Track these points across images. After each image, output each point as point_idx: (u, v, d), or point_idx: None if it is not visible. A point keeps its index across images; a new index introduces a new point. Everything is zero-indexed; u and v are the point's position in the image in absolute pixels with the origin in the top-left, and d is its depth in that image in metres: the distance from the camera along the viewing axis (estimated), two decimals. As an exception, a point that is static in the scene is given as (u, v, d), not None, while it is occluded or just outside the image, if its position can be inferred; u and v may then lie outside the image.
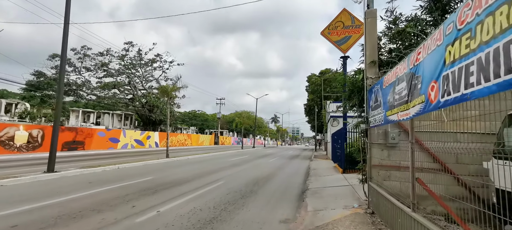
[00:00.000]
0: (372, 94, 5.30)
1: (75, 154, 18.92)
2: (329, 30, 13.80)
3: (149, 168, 12.11)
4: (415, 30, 4.93)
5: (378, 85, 4.73)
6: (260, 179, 9.82)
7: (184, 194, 6.89)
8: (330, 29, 13.86)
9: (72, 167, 10.88)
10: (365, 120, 5.69)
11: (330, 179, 10.02)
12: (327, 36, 13.81)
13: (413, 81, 2.92)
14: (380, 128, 5.34)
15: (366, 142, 5.66)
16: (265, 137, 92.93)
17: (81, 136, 21.67)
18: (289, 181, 9.83)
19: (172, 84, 33.24)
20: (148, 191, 7.02)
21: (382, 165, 5.42)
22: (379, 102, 4.69)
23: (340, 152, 12.28)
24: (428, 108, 2.49)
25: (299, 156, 25.59)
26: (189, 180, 9.13)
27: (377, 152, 5.48)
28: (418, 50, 2.86)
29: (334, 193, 7.36)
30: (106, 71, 31.60)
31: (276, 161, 18.53)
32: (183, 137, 40.77)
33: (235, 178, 10.03)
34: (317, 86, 41.90)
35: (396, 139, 5.34)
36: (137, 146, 28.89)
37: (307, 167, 14.79)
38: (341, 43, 13.74)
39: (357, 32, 13.56)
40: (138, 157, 17.85)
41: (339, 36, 13.82)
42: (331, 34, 13.81)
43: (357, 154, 6.13)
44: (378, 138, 5.54)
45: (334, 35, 13.89)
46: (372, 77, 5.62)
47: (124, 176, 9.38)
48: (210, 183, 8.66)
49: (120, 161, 13.81)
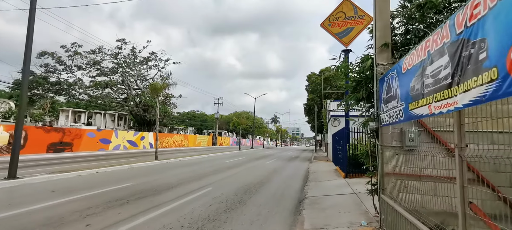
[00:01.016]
0: (384, 85, 4.24)
1: (60, 156, 17.85)
2: (329, 22, 12.73)
3: (133, 172, 11.05)
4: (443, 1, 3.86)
5: (394, 71, 3.67)
6: (253, 185, 8.76)
7: (159, 205, 5.83)
8: (330, 21, 12.80)
9: (44, 171, 9.82)
10: (375, 116, 4.64)
11: (331, 184, 8.95)
12: (327, 28, 12.75)
13: (465, 51, 1.86)
14: (395, 127, 4.28)
15: (376, 144, 4.60)
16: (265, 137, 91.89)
17: (69, 136, 20.59)
18: (286, 187, 8.77)
19: (163, 82, 32.29)
20: (117, 203, 5.96)
21: (397, 173, 4.35)
22: (395, 94, 3.64)
23: (342, 154, 11.21)
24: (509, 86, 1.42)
25: (299, 158, 24.53)
26: (172, 186, 8.07)
27: (390, 156, 4.41)
28: (475, 2, 1.80)
29: (336, 203, 6.30)
30: (99, 70, 30.53)
31: (274, 163, 17.45)
32: (180, 137, 39.68)
33: (225, 183, 8.97)
34: (317, 86, 40.85)
35: (415, 141, 4.27)
36: (130, 147, 27.82)
37: (306, 170, 13.72)
38: (342, 35, 12.68)
39: (360, 24, 12.49)
40: (126, 159, 16.79)
41: (341, 28, 12.75)
42: (332, 26, 12.75)
43: (365, 158, 5.07)
44: (392, 139, 4.47)
45: (335, 27, 12.83)
46: (384, 64, 4.56)
47: (98, 183, 8.31)
48: (195, 190, 7.60)
49: (104, 164, 12.75)
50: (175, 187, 8.03)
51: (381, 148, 4.51)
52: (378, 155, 4.57)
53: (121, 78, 31.07)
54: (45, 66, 26.74)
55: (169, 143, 35.90)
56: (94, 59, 28.32)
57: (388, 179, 4.40)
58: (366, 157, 4.92)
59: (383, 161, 4.48)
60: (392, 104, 3.80)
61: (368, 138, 4.99)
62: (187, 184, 8.61)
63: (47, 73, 27.45)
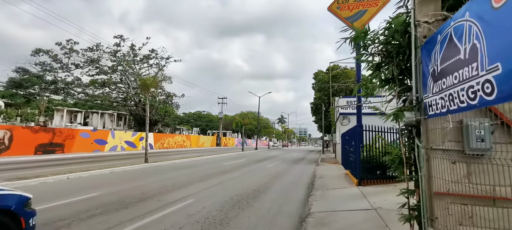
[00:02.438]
0: (434, 52, 2.62)
1: (48, 158, 16.71)
2: (338, 4, 11.04)
3: (111, 178, 9.65)
4: None
5: (466, 17, 2.06)
6: (247, 195, 7.19)
7: (118, 225, 4.35)
8: (339, 3, 11.10)
9: (11, 177, 8.51)
10: (415, 103, 3.03)
11: (342, 195, 7.30)
12: (335, 11, 11.05)
13: None
14: (454, 118, 2.66)
15: (416, 147, 2.98)
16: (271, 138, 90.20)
17: (60, 137, 19.48)
18: (286, 198, 7.16)
19: (163, 78, 31.06)
20: (66, 222, 4.50)
21: (455, 194, 2.72)
22: (469, 56, 2.04)
23: (354, 156, 9.53)
24: None
25: (304, 159, 22.82)
26: (146, 197, 6.58)
27: (442, 166, 2.78)
28: None
29: (350, 225, 4.68)
30: (99, 68, 29.54)
31: (276, 166, 15.83)
32: (182, 138, 38.45)
33: (213, 193, 7.44)
34: (325, 84, 38.96)
35: (487, 141, 2.62)
36: (128, 148, 26.66)
37: (312, 174, 12.06)
38: (353, 20, 10.97)
39: (374, 5, 10.76)
40: (115, 161, 15.49)
41: (351, 11, 11.06)
42: (341, 9, 11.04)
43: (396, 167, 3.43)
44: (444, 139, 2.83)
45: (345, 11, 11.13)
46: (429, 22, 2.94)
47: (60, 192, 6.92)
48: (171, 203, 6.09)
49: (86, 168, 11.43)
50: (149, 198, 6.54)
51: (426, 152, 2.88)
52: (420, 163, 2.95)
53: (120, 77, 29.99)
54: (40, 65, 25.87)
55: (170, 144, 34.69)
56: (91, 57, 27.26)
57: (440, 202, 2.76)
58: (399, 165, 3.28)
59: (430, 173, 2.85)
60: (457, 77, 2.17)
61: (401, 136, 3.34)
62: (166, 194, 7.11)
63: (43, 72, 26.59)
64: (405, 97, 3.57)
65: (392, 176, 9.17)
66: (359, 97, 10.55)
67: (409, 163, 3.16)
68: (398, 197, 3.47)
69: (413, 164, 3.13)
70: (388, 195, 6.92)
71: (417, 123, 2.96)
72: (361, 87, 3.72)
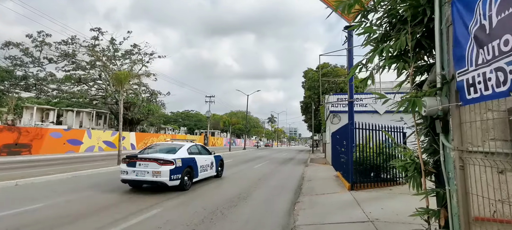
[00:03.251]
0: (480, 3, 1.68)
1: (11, 160, 15.09)
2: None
3: (72, 183, 8.39)
4: None
5: None
6: (224, 203, 6.17)
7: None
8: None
9: None
10: (440, 85, 2.10)
11: (333, 202, 6.40)
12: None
13: None
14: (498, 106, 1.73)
15: (443, 148, 2.05)
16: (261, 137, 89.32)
17: (27, 137, 17.78)
18: (269, 206, 6.19)
19: (143, 73, 29.50)
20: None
21: (507, 221, 1.80)
22: None
23: (346, 157, 8.67)
24: None
25: (293, 160, 21.99)
26: (104, 207, 5.45)
27: (484, 176, 1.84)
28: None
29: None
30: (75, 63, 27.66)
31: (263, 167, 14.87)
32: (167, 138, 36.90)
33: (185, 201, 6.37)
34: (314, 82, 38.38)
35: None
36: (107, 149, 25.03)
37: (299, 177, 11.16)
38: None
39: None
40: (87, 163, 14.11)
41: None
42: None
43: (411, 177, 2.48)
44: (485, 137, 1.90)
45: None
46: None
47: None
48: (131, 215, 5.00)
49: (45, 172, 10.07)
50: (104, 209, 5.41)
51: (460, 156, 1.95)
52: (449, 171, 2.03)
53: (99, 73, 28.22)
54: (10, 59, 23.85)
55: (154, 144, 33.13)
56: (66, 51, 25.40)
57: None
58: (415, 175, 2.33)
59: (466, 188, 1.93)
60: None
61: (421, 129, 2.39)
62: (127, 203, 5.98)
63: (13, 66, 24.56)
64: (420, 81, 2.65)
65: (386, 178, 8.37)
66: (351, 92, 9.72)
67: (429, 171, 2.23)
68: (397, 205, 2.54)
69: (435, 173, 2.21)
70: (385, 202, 6.07)
71: (444, 113, 2.02)
72: (358, 68, 2.76)
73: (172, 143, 8.85)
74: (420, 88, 2.36)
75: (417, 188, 2.20)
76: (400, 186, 8.20)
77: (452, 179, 1.89)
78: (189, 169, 7.73)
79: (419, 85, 2.60)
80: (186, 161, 7.68)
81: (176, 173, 7.12)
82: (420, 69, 2.55)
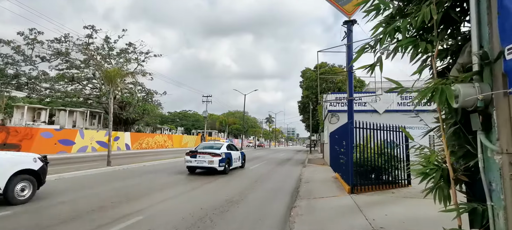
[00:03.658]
0: None
1: None
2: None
3: (50, 187, 7.86)
4: None
5: None
6: (215, 208, 5.67)
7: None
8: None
9: None
10: (478, 68, 1.61)
11: (333, 207, 5.93)
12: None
13: None
14: None
15: (486, 151, 1.58)
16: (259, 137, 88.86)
17: (16, 137, 17.17)
18: (263, 211, 5.71)
19: (136, 71, 28.89)
20: None
21: None
22: None
23: (345, 158, 8.20)
24: None
25: (291, 160, 21.52)
26: (82, 214, 4.96)
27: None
28: None
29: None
30: (68, 61, 27.00)
31: (259, 168, 14.38)
32: (163, 138, 36.30)
33: (173, 206, 5.88)
34: (312, 82, 37.97)
35: None
36: (101, 149, 24.40)
37: (297, 179, 10.69)
38: (345, 1, 9.67)
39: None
40: (76, 164, 13.57)
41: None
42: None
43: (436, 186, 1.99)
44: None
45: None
46: None
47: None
48: (112, 222, 4.51)
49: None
50: (83, 216, 4.91)
51: (507, 160, 1.47)
52: (493, 182, 1.55)
53: (93, 72, 27.59)
54: (1, 57, 23.16)
55: (149, 144, 32.52)
56: (59, 50, 24.75)
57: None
58: (442, 185, 1.84)
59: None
60: None
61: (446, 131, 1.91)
62: (109, 209, 5.48)
63: (4, 65, 23.89)
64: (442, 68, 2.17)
65: (388, 180, 7.92)
66: (351, 89, 9.27)
67: (462, 179, 1.75)
68: (402, 211, 2.08)
69: (470, 183, 1.73)
70: (388, 207, 5.61)
71: (485, 105, 1.54)
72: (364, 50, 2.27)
73: (215, 142, 13.03)
74: (446, 73, 1.88)
75: (445, 201, 1.72)
76: (402, 189, 7.76)
77: (496, 191, 1.42)
78: (228, 160, 11.17)
79: (440, 74, 2.11)
80: (227, 154, 11.17)
81: (222, 162, 10.61)
82: (441, 53, 2.07)
